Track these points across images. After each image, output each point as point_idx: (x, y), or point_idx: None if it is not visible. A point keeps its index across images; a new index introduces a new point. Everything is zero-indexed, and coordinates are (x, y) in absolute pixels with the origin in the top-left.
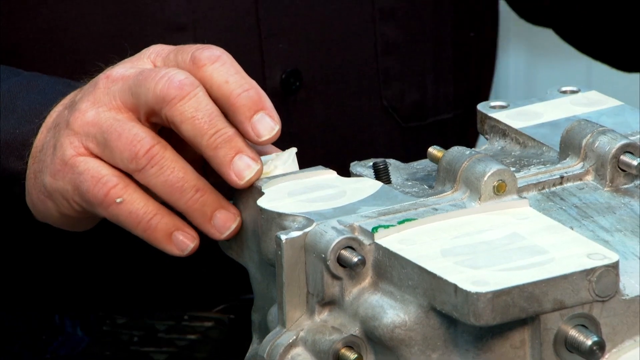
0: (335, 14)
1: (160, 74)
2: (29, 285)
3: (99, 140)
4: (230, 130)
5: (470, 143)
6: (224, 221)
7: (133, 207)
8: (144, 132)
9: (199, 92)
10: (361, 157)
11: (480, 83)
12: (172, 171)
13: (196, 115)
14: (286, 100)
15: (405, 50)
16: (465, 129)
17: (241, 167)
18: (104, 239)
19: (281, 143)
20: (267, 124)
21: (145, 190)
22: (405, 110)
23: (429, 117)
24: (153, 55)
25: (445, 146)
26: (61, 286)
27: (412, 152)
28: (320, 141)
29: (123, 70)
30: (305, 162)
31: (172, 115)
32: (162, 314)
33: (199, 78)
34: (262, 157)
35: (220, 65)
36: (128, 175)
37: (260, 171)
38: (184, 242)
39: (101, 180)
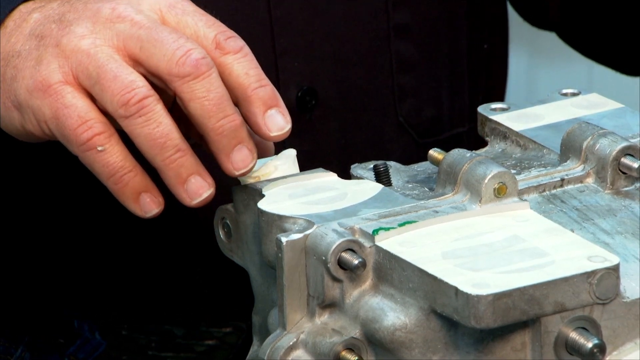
0: (350, 31)
1: (179, 43)
2: (47, 288)
3: (91, 74)
4: (238, 118)
5: None
6: (196, 187)
7: (111, 159)
8: (142, 81)
9: (213, 74)
10: None
11: (494, 93)
12: (158, 125)
13: (207, 96)
14: (302, 118)
15: (420, 67)
16: (481, 141)
17: (239, 159)
18: (121, 246)
19: (298, 161)
20: (280, 121)
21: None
22: (421, 126)
23: (445, 132)
24: (165, 8)
25: None
26: (79, 290)
27: None
28: (336, 159)
29: (132, 11)
30: None
31: (182, 91)
32: (180, 319)
33: (219, 63)
34: (263, 159)
35: (242, 57)
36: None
37: (253, 166)
38: (150, 204)
39: (87, 123)
